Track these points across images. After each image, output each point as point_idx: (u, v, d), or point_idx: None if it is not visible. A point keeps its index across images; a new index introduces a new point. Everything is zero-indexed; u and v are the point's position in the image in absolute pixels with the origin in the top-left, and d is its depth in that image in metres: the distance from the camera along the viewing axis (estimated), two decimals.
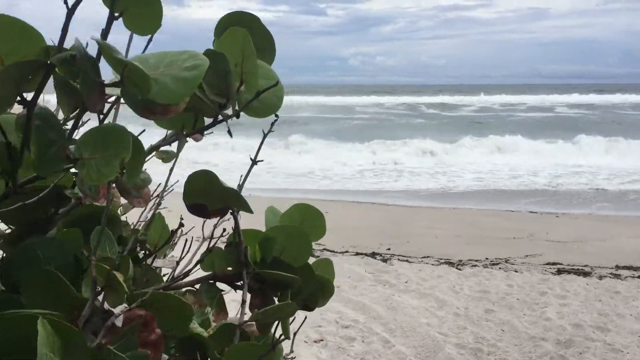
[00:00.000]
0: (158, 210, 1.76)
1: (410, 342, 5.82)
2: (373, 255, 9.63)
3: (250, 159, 1.42)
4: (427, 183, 19.71)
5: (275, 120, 1.46)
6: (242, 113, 1.23)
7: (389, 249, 10.48)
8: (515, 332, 6.32)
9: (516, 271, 8.92)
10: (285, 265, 1.40)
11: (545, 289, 7.81)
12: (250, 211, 1.36)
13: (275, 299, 1.32)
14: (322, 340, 5.71)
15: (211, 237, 1.95)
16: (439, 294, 7.23)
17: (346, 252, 9.85)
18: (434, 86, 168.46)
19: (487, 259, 9.99)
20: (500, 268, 9.13)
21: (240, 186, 1.52)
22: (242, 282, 1.37)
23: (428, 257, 9.89)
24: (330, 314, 6.42)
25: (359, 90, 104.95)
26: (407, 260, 9.37)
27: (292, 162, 23.92)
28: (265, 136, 1.47)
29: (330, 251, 9.85)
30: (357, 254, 9.69)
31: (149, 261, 1.60)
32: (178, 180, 1.75)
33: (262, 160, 1.46)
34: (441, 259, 9.78)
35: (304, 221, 1.49)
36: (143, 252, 1.57)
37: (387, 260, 9.30)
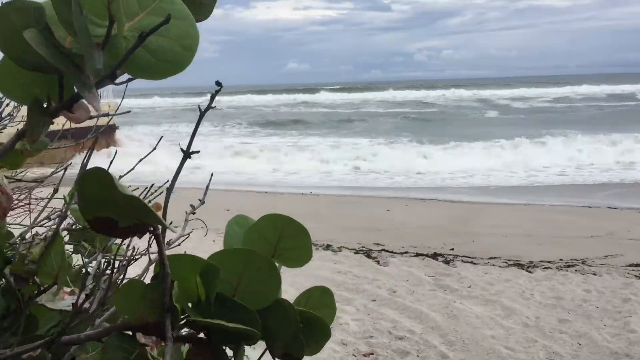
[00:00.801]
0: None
1: (471, 357, 5.15)
2: (435, 256, 8.94)
3: (182, 150, 0.98)
4: (501, 178, 18.72)
5: (217, 92, 0.99)
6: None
7: (452, 249, 9.74)
8: (594, 347, 5.52)
9: (595, 274, 8.00)
10: (238, 306, 0.93)
11: (629, 295, 6.90)
12: (165, 226, 0.83)
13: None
14: (372, 354, 5.14)
15: (128, 262, 1.43)
16: (506, 301, 6.49)
17: (406, 252, 9.20)
18: (505, 79, 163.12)
19: (561, 260, 9.09)
20: (576, 270, 8.23)
21: (169, 189, 1.05)
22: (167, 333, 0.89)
23: (495, 258, 9.09)
24: (383, 322, 5.84)
25: (431, 85, 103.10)
26: (471, 262, 8.62)
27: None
28: (201, 117, 1.01)
29: (389, 252, 9.23)
30: (418, 254, 9.03)
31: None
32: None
33: (197, 152, 0.99)
34: (510, 260, 8.96)
35: (281, 240, 1.05)
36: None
37: (450, 261, 8.59)
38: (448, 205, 14.83)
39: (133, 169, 1.70)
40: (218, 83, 0.96)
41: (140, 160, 1.69)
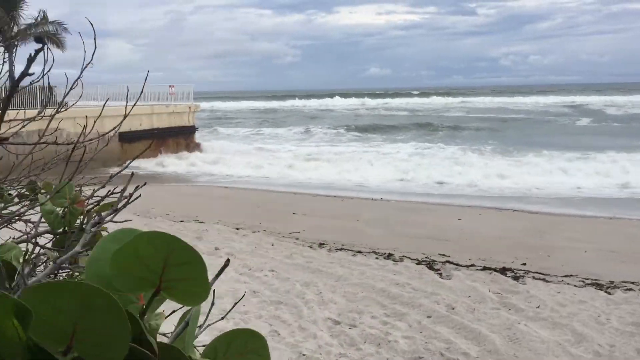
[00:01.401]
0: None
1: None
2: (503, 271, 8.31)
3: None
4: (588, 190, 17.51)
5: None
6: None
7: (523, 264, 9.06)
8: None
9: None
10: None
11: None
12: None
13: None
14: None
15: None
16: (578, 325, 5.85)
17: (472, 265, 8.63)
18: (596, 85, 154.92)
19: None
20: None
21: None
22: None
23: (571, 276, 8.35)
24: (436, 342, 5.39)
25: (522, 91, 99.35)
26: (543, 279, 7.94)
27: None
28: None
29: (454, 264, 8.69)
30: (485, 268, 8.43)
31: None
32: None
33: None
34: (587, 279, 8.20)
35: (168, 268, 0.79)
36: None
37: (519, 277, 7.95)
38: (525, 216, 13.97)
39: None
40: (38, 40, 0.66)
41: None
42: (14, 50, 28.34)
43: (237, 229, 10.71)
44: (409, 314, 6.10)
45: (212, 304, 0.95)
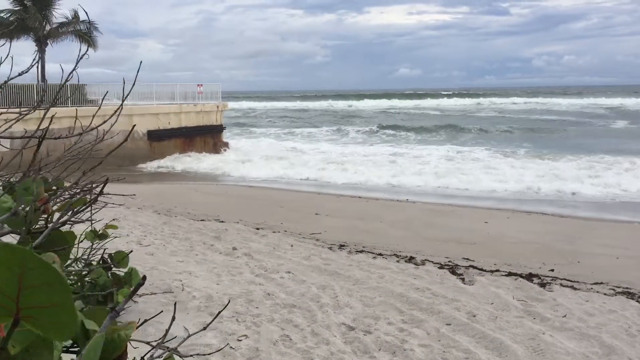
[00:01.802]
0: None
1: None
2: (529, 277, 7.96)
3: None
4: (622, 193, 16.85)
5: None
6: None
7: (551, 270, 8.69)
8: None
9: None
10: None
11: None
12: None
13: None
14: None
15: None
16: (607, 337, 5.50)
17: (496, 271, 8.30)
18: (634, 86, 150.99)
19: None
20: None
21: None
22: None
23: (601, 283, 7.95)
24: (454, 352, 5.11)
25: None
26: (572, 287, 7.58)
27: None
28: None
29: (478, 269, 8.37)
30: (510, 274, 8.10)
31: None
32: None
33: None
34: (618, 287, 7.80)
35: (26, 292, 0.66)
36: None
37: (546, 284, 7.60)
38: (555, 220, 13.50)
39: None
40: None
41: None
42: (45, 48, 28.86)
43: (258, 229, 10.55)
44: (427, 320, 5.83)
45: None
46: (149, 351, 1.25)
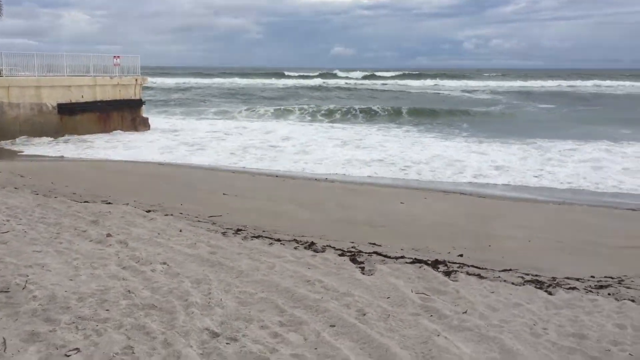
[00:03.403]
0: None
1: None
2: (435, 264, 7.19)
3: None
4: (531, 178, 16.49)
5: None
6: None
7: (460, 256, 7.97)
8: None
9: (633, 300, 6.13)
10: None
11: None
12: None
13: None
14: None
15: None
16: (508, 338, 4.74)
17: (401, 257, 7.49)
18: (557, 70, 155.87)
19: (592, 277, 7.21)
20: (609, 294, 6.36)
21: None
22: None
23: (510, 270, 7.28)
24: None
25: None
26: (478, 275, 6.84)
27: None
28: None
29: (382, 255, 7.53)
30: (415, 261, 7.30)
31: None
32: None
33: None
34: (527, 274, 7.14)
35: None
36: None
37: (451, 273, 6.83)
38: (472, 200, 12.92)
39: None
40: None
41: None
42: None
43: (149, 211, 9.35)
44: (308, 322, 4.90)
45: None
46: None
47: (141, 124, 25.18)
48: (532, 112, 42.07)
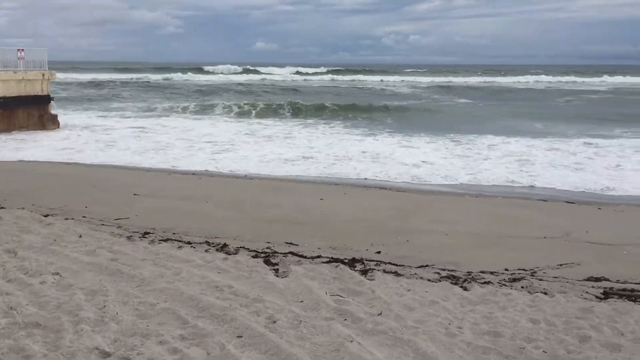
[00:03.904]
0: None
1: None
2: (352, 263, 6.97)
3: None
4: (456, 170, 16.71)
5: None
6: None
7: (378, 253, 7.80)
8: None
9: (545, 293, 6.14)
10: None
11: (588, 331, 5.04)
12: None
13: None
14: None
15: None
16: (423, 341, 4.55)
17: (318, 257, 7.22)
18: (473, 66, 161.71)
19: (506, 270, 7.22)
20: (523, 287, 6.36)
21: None
22: None
23: (426, 266, 7.17)
24: None
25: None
26: (395, 273, 6.68)
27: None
28: None
29: (298, 255, 7.23)
30: (332, 260, 7.05)
31: None
32: None
33: None
34: (444, 269, 7.05)
35: None
36: None
37: (369, 271, 6.63)
38: (392, 195, 12.86)
39: None
40: None
41: None
42: None
43: (47, 215, 8.61)
44: (213, 333, 4.51)
45: None
46: None
47: (50, 122, 23.68)
48: (452, 106, 43.17)
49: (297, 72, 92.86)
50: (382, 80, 75.67)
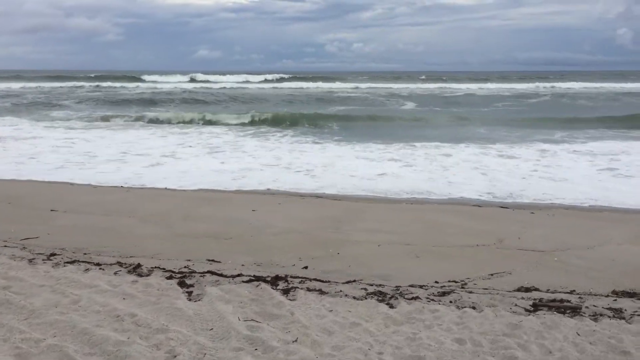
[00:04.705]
0: None
1: None
2: (275, 281, 6.48)
3: None
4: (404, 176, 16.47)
5: None
6: None
7: (305, 268, 7.34)
8: None
9: (474, 308, 5.83)
10: None
11: (515, 348, 4.72)
12: None
13: None
14: None
15: None
16: None
17: (239, 275, 6.69)
18: (415, 72, 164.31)
19: (436, 282, 6.90)
20: (451, 302, 6.02)
21: None
22: None
23: (354, 281, 6.76)
24: None
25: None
26: (320, 290, 6.22)
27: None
28: None
29: (217, 275, 6.68)
30: (253, 279, 6.53)
31: None
32: None
33: None
34: (372, 284, 6.66)
35: None
36: None
37: (291, 290, 6.15)
38: (329, 203, 12.44)
39: None
40: None
41: None
42: None
43: None
44: None
45: None
46: None
47: None
48: (397, 111, 43.36)
49: (246, 81, 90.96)
50: (329, 87, 75.43)
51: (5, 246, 7.63)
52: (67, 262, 6.85)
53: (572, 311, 5.87)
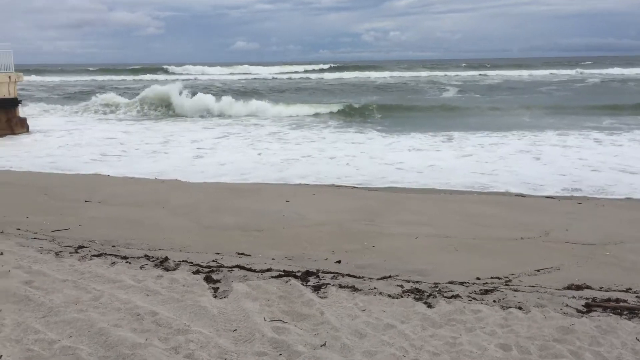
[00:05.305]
0: None
1: None
2: (305, 277, 6.08)
3: None
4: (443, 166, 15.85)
5: None
6: None
7: (338, 262, 6.93)
8: None
9: (520, 308, 5.30)
10: None
11: (567, 355, 4.20)
12: None
13: None
14: None
15: None
16: None
17: (268, 270, 6.32)
18: (453, 60, 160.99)
19: (478, 279, 6.38)
20: (495, 301, 5.50)
21: None
22: None
23: (389, 277, 6.30)
24: None
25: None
26: (353, 287, 5.79)
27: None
28: None
29: (246, 269, 6.32)
30: (283, 274, 6.15)
31: None
32: None
33: None
34: (409, 280, 6.19)
35: None
36: None
37: (322, 286, 5.75)
38: (365, 194, 11.96)
39: None
40: None
41: None
42: None
43: None
44: None
45: None
46: None
47: (18, 125, 22.55)
48: (441, 99, 42.30)
49: (294, 71, 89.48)
50: (376, 76, 73.96)
51: (35, 238, 7.47)
52: (94, 255, 6.61)
53: (629, 312, 5.28)
